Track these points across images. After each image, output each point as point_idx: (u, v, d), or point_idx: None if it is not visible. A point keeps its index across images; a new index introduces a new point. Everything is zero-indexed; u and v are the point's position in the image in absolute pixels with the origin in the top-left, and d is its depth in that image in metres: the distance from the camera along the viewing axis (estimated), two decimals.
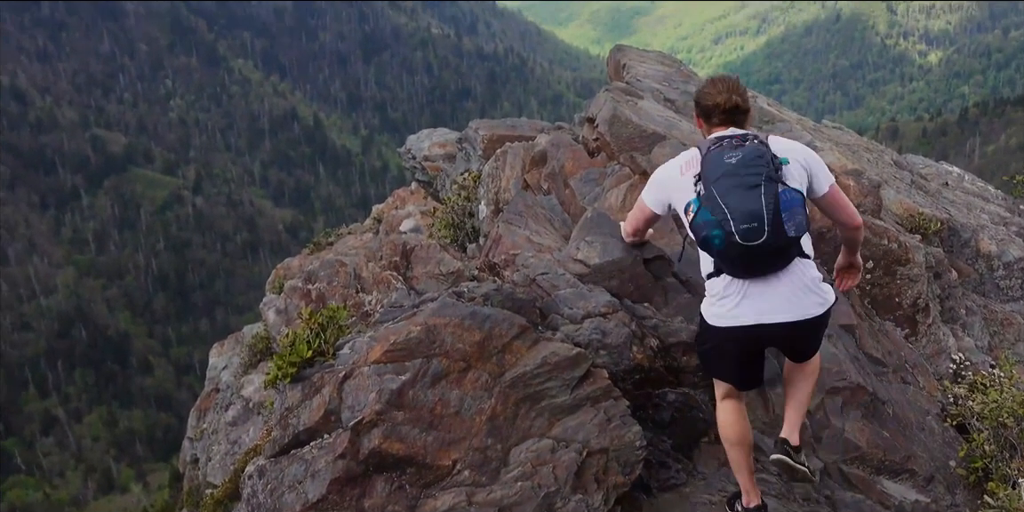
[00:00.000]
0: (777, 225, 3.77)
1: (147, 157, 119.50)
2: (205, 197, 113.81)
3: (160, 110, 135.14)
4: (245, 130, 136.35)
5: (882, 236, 5.61)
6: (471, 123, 8.08)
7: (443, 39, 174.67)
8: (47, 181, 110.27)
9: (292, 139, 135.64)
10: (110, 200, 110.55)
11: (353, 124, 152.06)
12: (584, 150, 6.09)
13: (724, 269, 4.04)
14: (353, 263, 6.21)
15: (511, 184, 6.14)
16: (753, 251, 3.81)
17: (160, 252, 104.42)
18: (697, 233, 3.94)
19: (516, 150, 6.43)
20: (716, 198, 3.83)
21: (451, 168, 8.34)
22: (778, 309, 3.99)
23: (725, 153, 3.94)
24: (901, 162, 7.55)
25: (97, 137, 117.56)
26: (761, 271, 3.98)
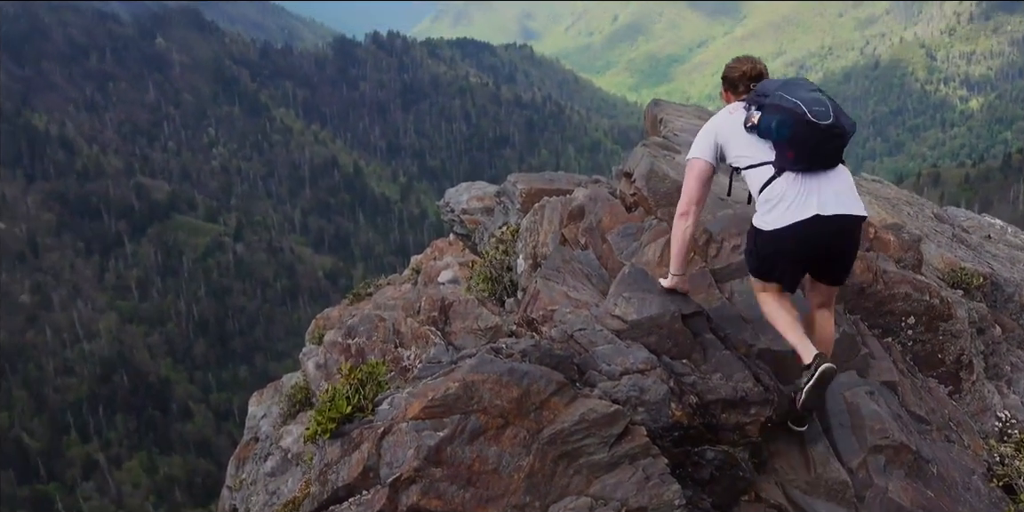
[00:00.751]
0: (838, 114, 4.42)
1: (190, 204, 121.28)
2: (246, 244, 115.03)
3: (203, 158, 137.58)
4: (286, 178, 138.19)
5: (924, 291, 5.56)
6: (509, 177, 8.15)
7: (481, 88, 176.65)
8: (92, 228, 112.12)
9: (332, 187, 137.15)
10: (153, 247, 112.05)
11: (392, 172, 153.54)
12: (621, 205, 6.12)
13: (788, 164, 4.51)
14: (392, 318, 6.26)
15: (549, 238, 6.18)
16: (823, 131, 4.38)
17: (201, 298, 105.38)
18: (766, 128, 4.49)
19: (554, 204, 6.48)
20: (784, 96, 4.45)
21: (489, 221, 8.39)
22: (833, 202, 4.45)
23: (774, 80, 4.69)
24: (942, 215, 7.50)
25: (141, 185, 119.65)
26: (823, 159, 4.50)
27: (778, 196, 4.51)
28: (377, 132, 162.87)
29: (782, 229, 4.49)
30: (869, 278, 5.52)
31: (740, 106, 4.74)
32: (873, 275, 5.55)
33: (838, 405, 4.93)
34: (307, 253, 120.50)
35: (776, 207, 4.51)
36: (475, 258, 8.15)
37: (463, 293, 7.23)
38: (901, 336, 5.63)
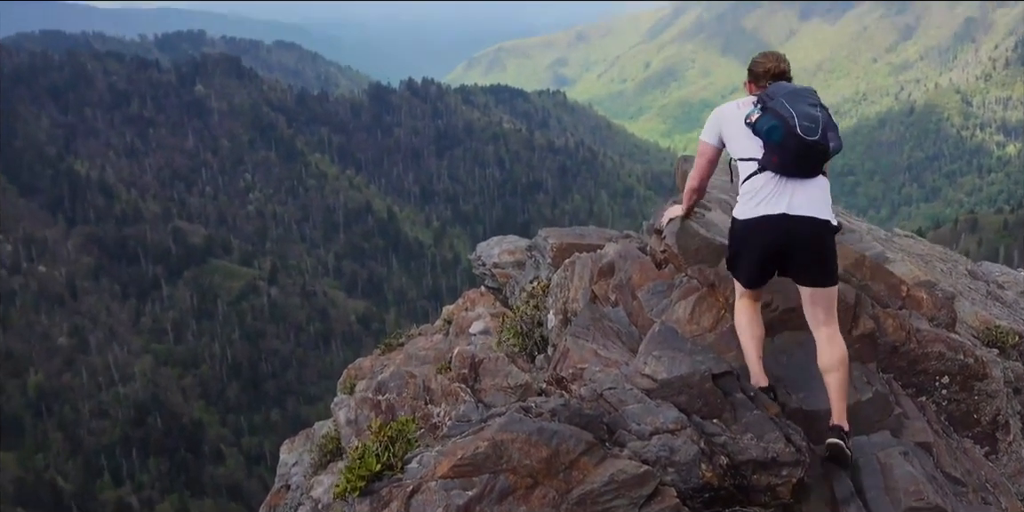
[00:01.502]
0: (825, 132, 4.88)
1: (226, 248, 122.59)
2: (280, 288, 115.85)
3: (239, 203, 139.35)
4: (320, 222, 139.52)
5: (958, 351, 5.51)
6: (540, 231, 8.19)
7: (515, 133, 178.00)
8: (130, 271, 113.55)
9: (366, 231, 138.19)
10: (189, 290, 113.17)
11: (426, 217, 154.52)
12: (652, 261, 6.14)
13: (770, 166, 5.01)
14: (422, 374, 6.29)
15: (579, 295, 6.20)
16: (807, 145, 4.85)
17: (235, 341, 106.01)
18: (759, 129, 4.99)
19: (584, 260, 6.51)
20: (784, 104, 4.92)
21: (520, 276, 8.43)
22: (804, 205, 4.93)
23: (784, 85, 5.13)
24: (976, 272, 7.44)
25: (178, 229, 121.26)
26: (803, 169, 4.98)
27: (755, 190, 5.04)
28: (411, 177, 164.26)
29: (752, 220, 5.01)
30: (902, 336, 5.48)
31: (750, 101, 5.27)
32: (906, 333, 5.52)
33: (871, 466, 4.88)
34: (340, 297, 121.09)
35: (751, 200, 5.04)
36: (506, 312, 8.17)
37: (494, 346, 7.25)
38: (935, 396, 5.59)
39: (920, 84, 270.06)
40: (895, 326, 5.51)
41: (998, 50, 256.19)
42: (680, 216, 6.03)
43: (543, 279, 7.41)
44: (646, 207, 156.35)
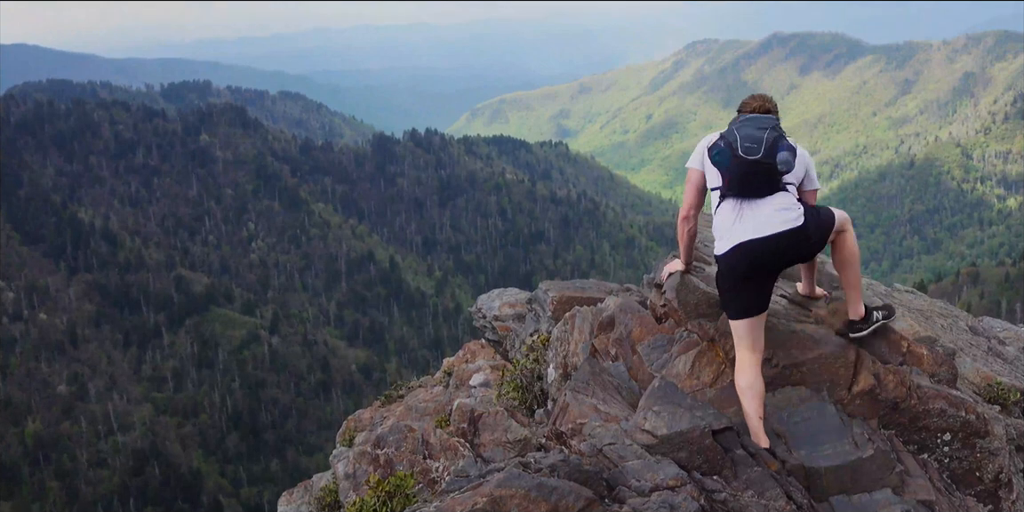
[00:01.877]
0: (770, 150, 5.21)
1: (228, 297, 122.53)
2: (281, 336, 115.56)
3: (242, 252, 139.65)
4: (323, 271, 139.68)
5: (959, 407, 5.49)
6: (541, 284, 8.20)
7: (517, 184, 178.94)
8: (131, 319, 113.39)
9: (368, 280, 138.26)
10: (190, 338, 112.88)
11: (428, 266, 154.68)
12: (652, 315, 6.15)
13: (727, 191, 5.42)
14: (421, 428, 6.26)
15: (579, 348, 6.20)
16: (748, 163, 5.23)
17: (235, 391, 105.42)
18: (713, 158, 5.40)
19: (584, 314, 6.52)
20: (733, 131, 5.34)
21: (521, 328, 8.42)
22: (764, 226, 5.28)
23: (746, 119, 5.46)
24: (976, 327, 7.44)
25: (181, 277, 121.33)
26: (752, 188, 5.33)
27: (724, 223, 5.45)
28: (414, 227, 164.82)
29: (732, 249, 5.33)
30: (903, 393, 5.47)
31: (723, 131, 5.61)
32: (907, 390, 5.51)
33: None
34: (341, 346, 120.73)
35: (725, 234, 5.41)
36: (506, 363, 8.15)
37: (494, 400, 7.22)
38: (937, 453, 5.56)
39: (920, 138, 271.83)
40: (896, 382, 5.50)
41: (997, 104, 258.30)
42: (680, 270, 6.06)
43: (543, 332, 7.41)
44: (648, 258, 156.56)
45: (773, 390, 5.45)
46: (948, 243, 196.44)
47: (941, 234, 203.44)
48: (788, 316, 5.90)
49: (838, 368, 5.49)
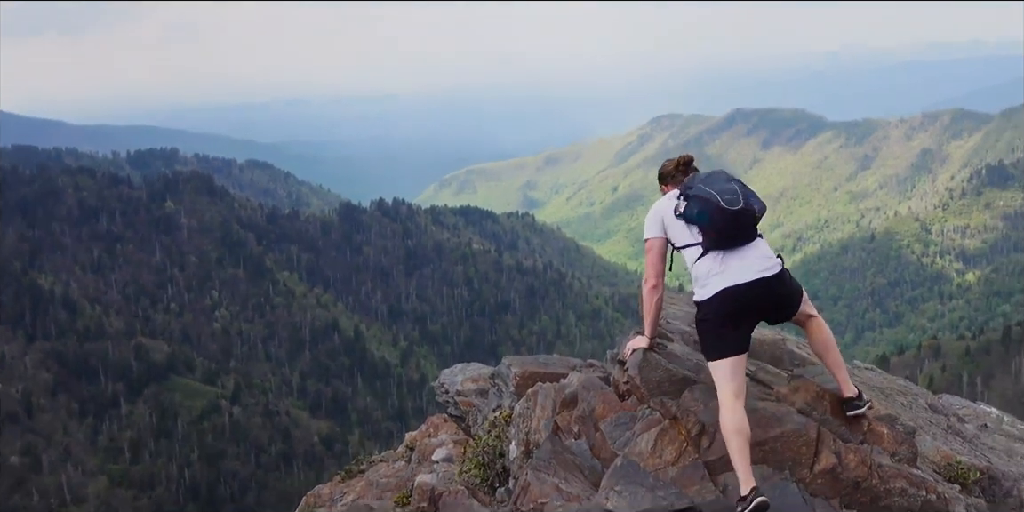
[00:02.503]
0: (747, 199, 5.55)
1: (188, 366, 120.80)
2: (242, 407, 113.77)
3: (205, 320, 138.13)
4: (286, 340, 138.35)
5: (920, 487, 5.50)
6: (504, 359, 8.18)
7: (484, 254, 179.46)
8: (89, 389, 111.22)
9: (332, 350, 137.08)
10: (148, 408, 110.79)
11: (393, 336, 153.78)
12: (615, 392, 6.14)
13: (710, 244, 5.63)
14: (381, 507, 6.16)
15: (541, 425, 6.16)
16: (734, 215, 5.50)
17: (193, 462, 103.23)
18: (690, 217, 5.68)
19: (547, 390, 6.50)
20: (702, 188, 5.64)
21: (483, 404, 8.36)
22: (747, 271, 5.53)
23: (698, 173, 6.00)
24: (936, 405, 7.48)
25: (141, 345, 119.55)
26: (740, 236, 5.60)
27: (707, 272, 5.61)
28: (379, 296, 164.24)
29: (717, 294, 5.53)
30: (864, 472, 5.47)
31: (674, 195, 5.98)
32: (868, 469, 5.50)
33: None
34: (303, 417, 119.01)
35: (709, 282, 5.58)
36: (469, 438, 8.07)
37: (455, 477, 7.13)
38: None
39: (880, 212, 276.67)
40: (857, 461, 5.50)
41: (954, 181, 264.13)
42: (643, 347, 6.08)
43: (506, 408, 7.36)
44: (613, 329, 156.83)
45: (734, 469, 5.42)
46: (909, 316, 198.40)
47: (903, 307, 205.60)
48: (750, 394, 5.91)
49: (800, 447, 5.49)
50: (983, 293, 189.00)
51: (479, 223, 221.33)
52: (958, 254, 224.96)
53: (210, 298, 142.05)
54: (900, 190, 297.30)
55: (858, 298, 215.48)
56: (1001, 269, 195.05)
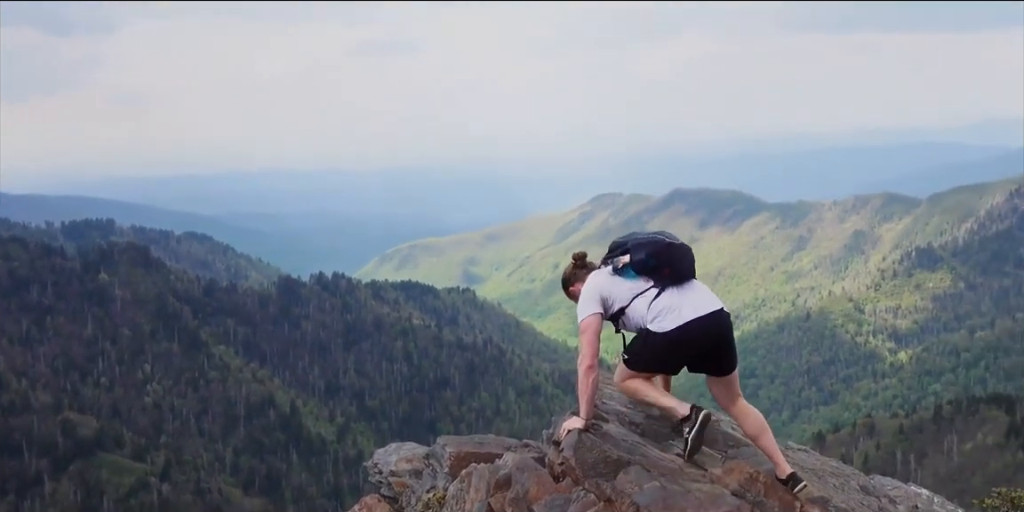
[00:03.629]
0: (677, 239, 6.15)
1: (118, 442, 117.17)
2: (172, 484, 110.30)
3: (136, 394, 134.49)
4: (220, 416, 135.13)
5: None
6: (439, 439, 8.10)
7: (424, 329, 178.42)
8: (11, 465, 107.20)
9: (267, 426, 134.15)
10: (74, 486, 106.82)
11: (330, 412, 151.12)
12: (550, 474, 6.11)
13: (666, 281, 6.04)
14: None
15: (475, 507, 6.09)
16: (680, 248, 6.07)
17: None
18: (639, 262, 6.03)
19: (481, 472, 6.44)
20: (639, 236, 6.16)
21: (418, 485, 8.24)
22: (704, 305, 5.98)
23: (614, 241, 6.42)
24: (868, 487, 7.54)
25: (68, 421, 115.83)
26: (687, 270, 6.06)
27: (667, 307, 5.93)
28: (316, 371, 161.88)
29: (678, 328, 5.87)
30: None
31: (604, 268, 6.37)
32: None
33: None
34: (236, 494, 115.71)
35: (668, 315, 5.91)
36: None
37: None
38: None
39: (815, 291, 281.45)
40: None
41: (885, 262, 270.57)
42: (579, 429, 6.08)
43: (440, 489, 7.27)
44: (553, 405, 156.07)
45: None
46: (844, 394, 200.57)
47: (837, 385, 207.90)
48: (683, 475, 5.92)
49: None
50: (915, 372, 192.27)
51: (420, 298, 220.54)
52: (890, 334, 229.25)
53: (142, 372, 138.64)
54: (834, 270, 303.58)
55: (794, 376, 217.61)
56: (931, 349, 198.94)
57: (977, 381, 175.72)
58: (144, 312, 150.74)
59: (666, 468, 5.99)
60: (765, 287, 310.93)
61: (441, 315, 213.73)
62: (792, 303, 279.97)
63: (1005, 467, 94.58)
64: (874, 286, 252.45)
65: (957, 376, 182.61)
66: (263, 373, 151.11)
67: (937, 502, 8.39)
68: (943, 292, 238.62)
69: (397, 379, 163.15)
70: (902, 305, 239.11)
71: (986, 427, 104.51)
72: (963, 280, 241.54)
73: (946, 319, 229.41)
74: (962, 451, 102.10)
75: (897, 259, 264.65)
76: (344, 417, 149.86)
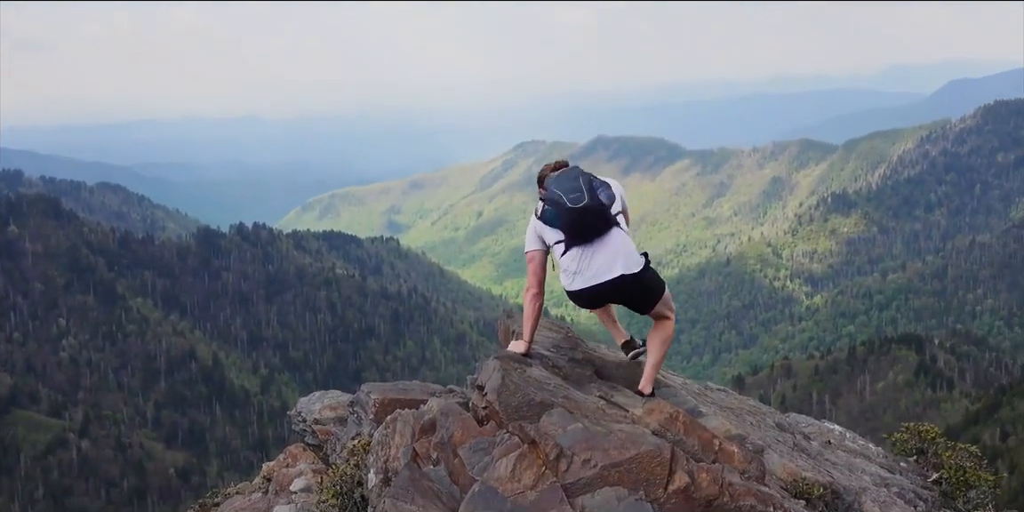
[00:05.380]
0: (592, 193, 6.27)
1: (33, 398, 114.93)
2: (92, 440, 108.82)
3: (50, 349, 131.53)
4: (139, 370, 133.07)
5: (767, 503, 5.67)
6: (363, 386, 8.09)
7: (347, 279, 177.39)
8: None
9: (189, 379, 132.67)
10: None
11: (253, 363, 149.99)
12: (474, 418, 6.14)
13: (567, 241, 6.33)
14: None
15: (400, 453, 6.10)
16: (580, 211, 6.18)
17: (38, 500, 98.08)
18: (547, 220, 6.41)
19: (406, 417, 6.45)
20: (553, 190, 6.37)
21: (342, 432, 8.23)
22: (603, 271, 6.28)
23: (554, 175, 6.67)
24: (783, 424, 7.76)
25: None
26: (593, 230, 6.26)
27: (572, 268, 6.34)
28: (239, 323, 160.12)
29: (579, 291, 6.41)
30: (716, 491, 5.60)
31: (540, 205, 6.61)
32: (720, 487, 5.64)
33: None
34: (158, 449, 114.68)
35: (573, 277, 6.36)
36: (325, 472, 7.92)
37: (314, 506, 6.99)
38: None
39: (735, 237, 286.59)
40: (709, 480, 5.63)
41: (802, 208, 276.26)
42: (500, 371, 6.11)
43: (365, 436, 7.27)
44: (479, 352, 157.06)
45: (592, 491, 5.48)
46: (763, 337, 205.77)
47: (757, 329, 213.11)
48: (606, 417, 6.00)
49: (654, 467, 5.58)
50: (830, 315, 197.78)
51: (343, 248, 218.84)
52: (807, 278, 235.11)
53: (56, 326, 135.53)
54: (753, 216, 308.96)
55: (715, 320, 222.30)
56: (846, 291, 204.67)
57: (889, 322, 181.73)
58: (56, 265, 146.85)
59: (588, 410, 6.06)
60: (686, 233, 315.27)
61: (365, 264, 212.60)
62: (712, 249, 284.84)
63: (915, 404, 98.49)
64: (791, 231, 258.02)
65: (870, 318, 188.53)
66: (184, 326, 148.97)
67: (849, 437, 8.68)
68: (857, 236, 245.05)
69: (321, 329, 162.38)
70: (818, 249, 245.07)
71: (897, 366, 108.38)
72: (876, 224, 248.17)
73: (860, 263, 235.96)
74: (874, 390, 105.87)
75: (813, 205, 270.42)
76: (268, 369, 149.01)
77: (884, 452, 8.72)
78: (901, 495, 7.05)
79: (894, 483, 7.32)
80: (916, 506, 6.96)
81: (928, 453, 8.75)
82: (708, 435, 6.13)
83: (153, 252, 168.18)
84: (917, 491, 7.36)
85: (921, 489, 7.54)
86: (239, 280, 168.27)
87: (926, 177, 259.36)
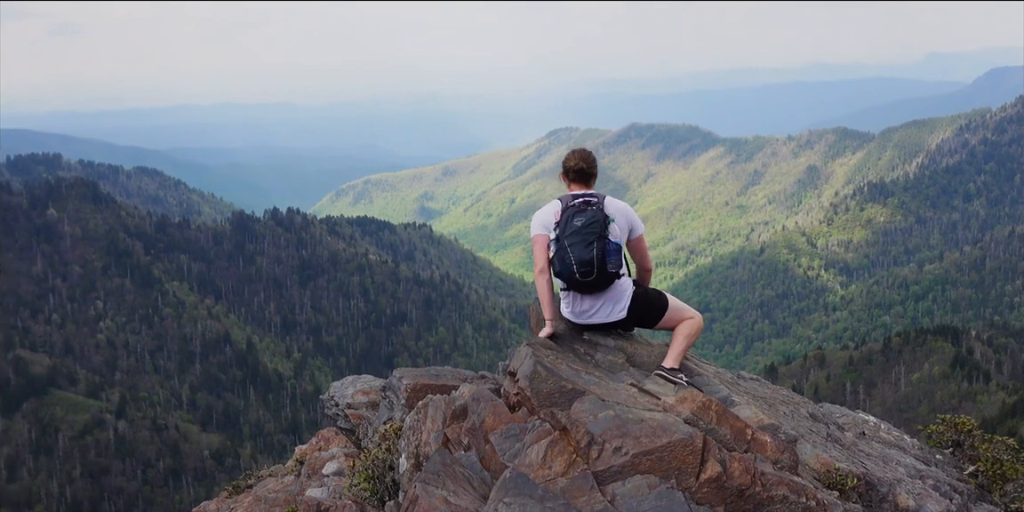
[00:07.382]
0: (602, 267, 6.58)
1: (71, 379, 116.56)
2: (128, 421, 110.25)
3: (88, 331, 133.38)
4: (175, 352, 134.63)
5: (800, 493, 5.64)
6: (395, 372, 8.12)
7: (380, 265, 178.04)
8: None
9: (223, 362, 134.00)
10: (27, 423, 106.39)
11: (287, 348, 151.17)
12: (505, 404, 6.14)
13: (569, 287, 6.82)
14: None
15: (431, 438, 6.12)
16: (585, 283, 6.66)
17: (76, 480, 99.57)
18: (554, 266, 6.76)
19: (437, 403, 6.47)
20: (567, 249, 6.59)
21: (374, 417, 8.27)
22: (591, 314, 6.94)
23: (575, 216, 6.68)
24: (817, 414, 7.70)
25: (20, 358, 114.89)
26: (590, 291, 6.78)
27: (567, 300, 7.05)
28: (272, 307, 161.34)
29: (568, 320, 7.06)
30: (748, 480, 5.58)
31: (557, 210, 6.88)
32: (752, 477, 5.62)
33: None
34: (193, 431, 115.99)
35: (566, 307, 7.10)
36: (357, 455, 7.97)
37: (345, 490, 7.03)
38: None
39: (768, 226, 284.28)
40: (741, 469, 5.61)
41: (838, 197, 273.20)
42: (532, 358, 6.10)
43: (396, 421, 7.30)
44: (510, 339, 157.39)
45: (623, 479, 5.47)
46: (796, 327, 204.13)
47: (790, 318, 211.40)
48: (637, 404, 5.98)
49: (686, 456, 5.57)
50: (865, 305, 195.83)
51: (376, 233, 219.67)
52: (841, 267, 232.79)
53: (94, 309, 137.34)
54: (787, 205, 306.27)
55: (748, 309, 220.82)
56: (881, 282, 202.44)
57: (925, 313, 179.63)
58: (95, 248, 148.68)
59: (620, 397, 6.04)
60: (720, 221, 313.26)
61: (397, 250, 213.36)
62: (746, 237, 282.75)
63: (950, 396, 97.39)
64: (826, 220, 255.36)
65: (906, 308, 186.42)
66: (219, 309, 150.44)
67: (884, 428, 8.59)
68: (893, 226, 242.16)
69: (354, 315, 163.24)
70: (853, 239, 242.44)
71: (933, 358, 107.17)
72: (913, 214, 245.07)
73: (896, 253, 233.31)
74: (909, 381, 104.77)
75: (849, 193, 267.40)
76: (301, 353, 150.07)
77: (919, 444, 8.63)
78: (936, 487, 6.97)
79: (929, 475, 7.24)
80: (952, 499, 6.88)
81: (964, 445, 8.65)
82: (741, 424, 6.10)
83: (189, 236, 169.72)
84: (953, 484, 7.28)
85: (957, 482, 7.46)
86: (273, 265, 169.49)
87: (965, 166, 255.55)
